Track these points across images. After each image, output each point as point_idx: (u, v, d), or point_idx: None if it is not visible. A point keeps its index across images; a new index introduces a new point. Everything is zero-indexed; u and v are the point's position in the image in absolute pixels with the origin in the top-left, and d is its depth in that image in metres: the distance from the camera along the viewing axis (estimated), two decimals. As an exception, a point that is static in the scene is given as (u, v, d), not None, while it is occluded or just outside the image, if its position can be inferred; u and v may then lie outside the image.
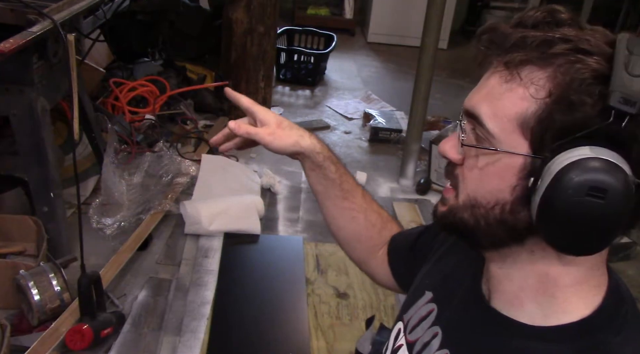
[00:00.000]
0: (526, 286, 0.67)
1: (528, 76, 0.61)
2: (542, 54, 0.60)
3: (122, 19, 3.08)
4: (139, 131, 2.83)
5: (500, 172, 0.64)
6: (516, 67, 0.62)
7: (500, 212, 0.65)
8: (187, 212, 2.33)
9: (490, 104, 0.63)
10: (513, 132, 0.62)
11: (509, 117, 0.62)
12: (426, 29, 2.68)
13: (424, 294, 0.83)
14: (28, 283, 1.75)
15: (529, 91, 0.61)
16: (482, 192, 0.66)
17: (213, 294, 2.01)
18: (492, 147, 0.63)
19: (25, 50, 1.67)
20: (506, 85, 0.62)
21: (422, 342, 0.77)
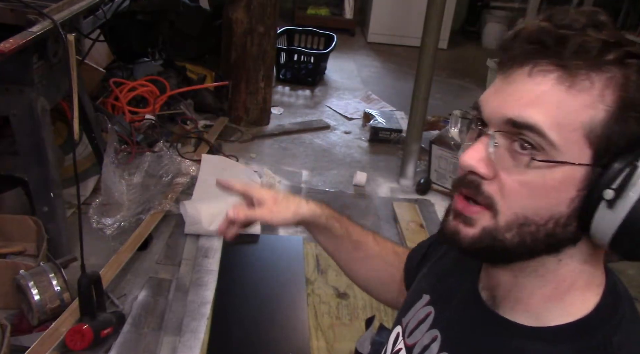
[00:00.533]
0: (540, 293, 0.66)
1: (593, 82, 0.58)
2: (602, 60, 0.58)
3: (122, 19, 3.08)
4: (139, 131, 2.83)
5: (559, 185, 0.59)
6: (579, 74, 0.58)
7: (553, 227, 0.61)
8: (187, 212, 2.33)
9: (547, 112, 0.58)
10: (577, 141, 0.58)
11: (573, 126, 0.58)
12: (426, 29, 2.68)
13: (421, 297, 0.83)
14: (28, 283, 1.75)
15: (595, 99, 0.58)
16: (534, 209, 0.60)
17: (213, 294, 2.01)
18: (559, 160, 0.58)
19: (25, 50, 1.67)
20: (567, 92, 0.58)
21: (422, 345, 0.77)
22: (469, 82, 4.56)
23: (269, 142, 3.29)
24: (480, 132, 0.64)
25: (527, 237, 0.62)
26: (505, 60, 0.62)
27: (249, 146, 3.22)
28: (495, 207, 0.62)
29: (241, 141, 3.24)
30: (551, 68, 0.58)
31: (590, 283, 0.66)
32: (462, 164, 0.63)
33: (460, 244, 0.65)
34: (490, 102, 0.63)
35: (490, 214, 0.63)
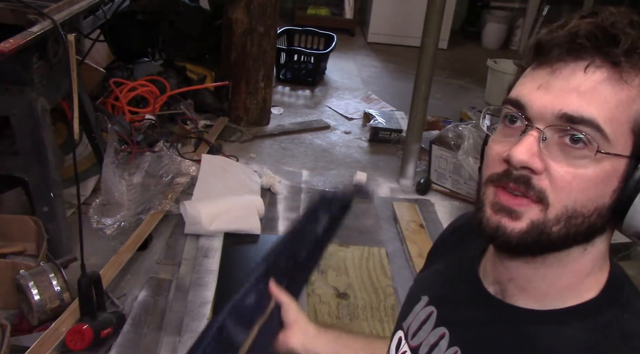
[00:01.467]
0: (560, 282, 0.67)
1: (638, 78, 0.61)
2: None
3: (122, 19, 3.08)
4: (139, 131, 2.83)
5: (606, 178, 0.62)
6: (629, 69, 0.61)
7: (596, 218, 0.63)
8: (187, 212, 2.33)
9: (601, 106, 0.60)
10: (625, 134, 0.61)
11: (623, 120, 0.61)
12: (426, 29, 2.68)
13: (419, 299, 0.83)
14: (28, 283, 1.75)
15: (638, 93, 0.61)
16: (583, 201, 0.62)
17: (213, 294, 2.01)
18: (612, 152, 0.61)
19: (25, 50, 1.67)
20: (618, 87, 0.61)
21: (428, 344, 0.76)
22: (469, 82, 4.56)
23: (269, 142, 3.29)
24: (526, 127, 0.64)
25: (572, 230, 0.63)
26: (552, 56, 0.63)
27: (249, 146, 3.22)
28: (547, 200, 0.62)
29: (241, 141, 3.24)
30: (604, 64, 0.61)
31: (602, 267, 0.69)
32: (513, 159, 0.62)
33: (507, 239, 0.64)
34: (539, 98, 0.63)
35: (540, 208, 0.63)
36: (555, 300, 0.68)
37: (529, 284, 0.69)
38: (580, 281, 0.67)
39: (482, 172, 0.68)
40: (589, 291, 0.67)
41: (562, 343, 0.65)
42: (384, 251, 2.37)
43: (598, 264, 0.68)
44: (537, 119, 0.63)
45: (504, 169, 0.64)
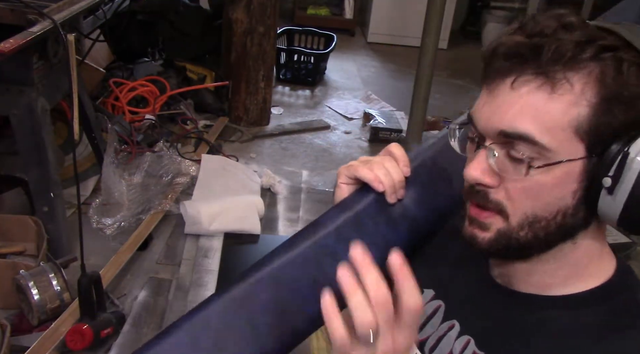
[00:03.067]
0: (559, 274, 0.69)
1: (573, 83, 0.61)
2: (579, 59, 0.61)
3: (122, 19, 3.08)
4: (139, 131, 2.83)
5: (560, 182, 0.63)
6: (558, 77, 0.61)
7: (562, 218, 0.65)
8: (187, 212, 2.33)
9: (534, 119, 0.61)
10: (569, 139, 0.62)
11: (562, 126, 0.61)
12: (426, 29, 2.68)
13: (422, 292, 0.82)
14: (28, 283, 1.75)
15: (578, 97, 0.61)
16: (541, 206, 0.64)
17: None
18: (553, 161, 0.62)
19: (25, 50, 1.67)
20: (549, 97, 0.61)
21: (436, 336, 0.77)
22: (469, 82, 4.56)
23: (269, 142, 3.29)
24: (478, 144, 0.67)
25: (540, 232, 0.65)
26: (488, 74, 0.65)
27: (249, 146, 3.22)
28: (506, 211, 0.66)
29: (241, 141, 3.24)
30: (532, 77, 0.62)
31: (602, 256, 0.70)
32: (467, 177, 0.67)
33: (480, 248, 0.69)
34: (481, 116, 0.66)
35: (502, 218, 0.66)
36: (561, 288, 0.69)
37: (530, 278, 0.71)
38: (582, 270, 0.69)
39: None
40: (594, 277, 0.69)
41: (583, 325, 0.66)
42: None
43: (597, 253, 0.69)
44: (485, 136, 0.66)
45: (469, 185, 0.68)
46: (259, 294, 0.74)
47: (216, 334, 0.72)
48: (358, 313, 0.57)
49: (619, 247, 2.41)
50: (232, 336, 0.72)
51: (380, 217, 0.78)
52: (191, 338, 0.72)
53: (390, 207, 0.79)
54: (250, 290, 0.74)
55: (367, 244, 0.70)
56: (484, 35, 5.56)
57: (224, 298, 0.75)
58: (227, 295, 0.75)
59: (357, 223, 0.77)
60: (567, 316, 0.67)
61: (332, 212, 0.79)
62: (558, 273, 0.69)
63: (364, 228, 0.77)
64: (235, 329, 0.72)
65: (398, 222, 0.79)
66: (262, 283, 0.74)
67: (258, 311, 0.73)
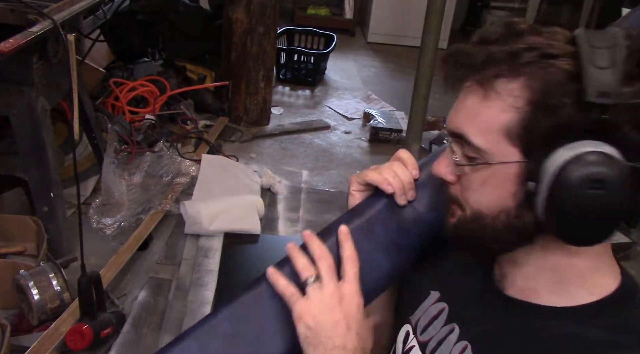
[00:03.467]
0: (541, 279, 0.70)
1: (503, 89, 0.64)
2: (512, 66, 0.63)
3: (122, 19, 3.08)
4: (139, 131, 2.83)
5: (499, 183, 0.66)
6: (490, 83, 0.65)
7: (506, 219, 0.67)
8: (187, 212, 2.33)
9: (472, 122, 0.66)
10: (501, 143, 0.65)
11: (494, 130, 0.65)
12: (426, 29, 2.68)
13: (429, 294, 0.83)
14: (28, 283, 1.75)
15: (507, 103, 0.64)
16: (485, 204, 0.68)
17: (213, 294, 2.01)
18: (486, 162, 0.66)
19: (25, 50, 1.67)
20: (484, 102, 0.65)
21: (437, 339, 0.77)
22: (469, 82, 4.55)
23: (269, 142, 3.29)
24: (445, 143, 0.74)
25: (487, 228, 0.69)
26: (445, 80, 0.71)
27: (249, 146, 3.22)
28: (461, 204, 0.72)
29: (241, 141, 3.24)
30: (470, 83, 0.67)
31: (598, 268, 0.69)
32: (433, 173, 0.74)
33: (447, 232, 0.75)
34: (449, 118, 0.72)
35: (460, 209, 0.72)
36: (554, 297, 0.69)
37: (516, 282, 0.72)
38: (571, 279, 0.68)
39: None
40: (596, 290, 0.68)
41: (578, 339, 0.65)
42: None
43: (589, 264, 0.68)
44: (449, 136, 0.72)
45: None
46: (268, 301, 0.75)
47: (225, 340, 0.73)
48: (298, 261, 0.75)
49: (619, 248, 2.40)
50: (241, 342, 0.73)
51: (390, 222, 0.80)
52: (200, 345, 0.72)
53: (401, 213, 0.81)
54: (259, 297, 0.76)
55: (377, 248, 0.76)
56: (484, 35, 5.55)
57: (233, 305, 0.76)
58: (236, 302, 0.76)
59: (367, 228, 0.80)
60: (560, 328, 0.67)
61: (343, 218, 0.81)
62: (539, 278, 0.70)
63: (375, 233, 0.80)
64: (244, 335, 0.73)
65: (409, 227, 0.81)
66: (271, 290, 0.75)
67: (266, 317, 0.74)
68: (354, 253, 0.76)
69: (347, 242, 0.77)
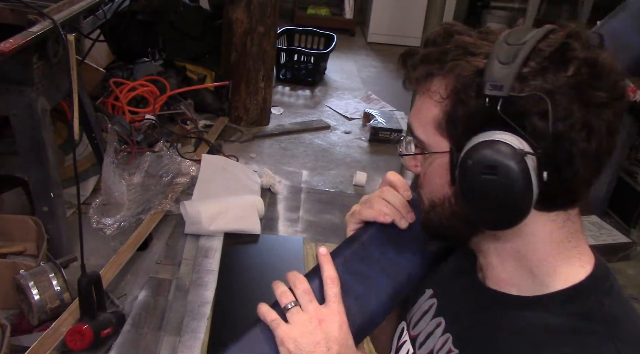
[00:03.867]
0: (510, 269, 0.71)
1: (433, 86, 0.69)
2: (440, 64, 0.68)
3: (122, 19, 3.08)
4: (139, 131, 2.83)
5: (437, 172, 0.71)
6: (424, 81, 0.70)
7: (449, 206, 0.71)
8: (187, 212, 2.33)
9: (416, 117, 0.73)
10: (434, 135, 0.70)
11: (428, 123, 0.70)
12: (426, 29, 2.68)
13: (424, 292, 0.85)
14: (28, 283, 1.75)
15: (435, 98, 0.69)
16: (433, 193, 0.73)
17: (213, 294, 2.01)
18: (425, 152, 0.72)
19: (25, 50, 1.67)
20: (421, 98, 0.72)
21: (426, 332, 0.80)
22: (469, 82, 4.56)
23: (269, 142, 3.29)
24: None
25: (442, 217, 0.72)
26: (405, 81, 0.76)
27: (249, 146, 3.22)
28: (421, 196, 0.76)
29: (241, 141, 3.24)
30: (414, 81, 0.72)
31: (571, 258, 0.69)
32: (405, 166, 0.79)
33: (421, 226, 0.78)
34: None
35: (423, 201, 0.76)
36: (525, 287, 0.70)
37: (489, 272, 0.74)
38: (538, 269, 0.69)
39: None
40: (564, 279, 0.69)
41: (544, 327, 0.67)
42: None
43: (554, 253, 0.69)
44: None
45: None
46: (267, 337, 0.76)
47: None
48: (276, 289, 0.78)
49: (619, 248, 2.40)
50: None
51: (386, 245, 0.82)
52: None
53: (396, 234, 0.83)
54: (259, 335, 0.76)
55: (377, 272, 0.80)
56: (484, 35, 5.56)
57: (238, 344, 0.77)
58: (241, 340, 0.77)
59: (363, 253, 0.82)
60: (532, 317, 0.68)
61: (340, 247, 0.84)
62: (507, 267, 0.71)
63: (371, 258, 0.82)
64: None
65: (407, 247, 0.83)
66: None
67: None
68: (333, 273, 0.77)
69: (326, 264, 0.78)
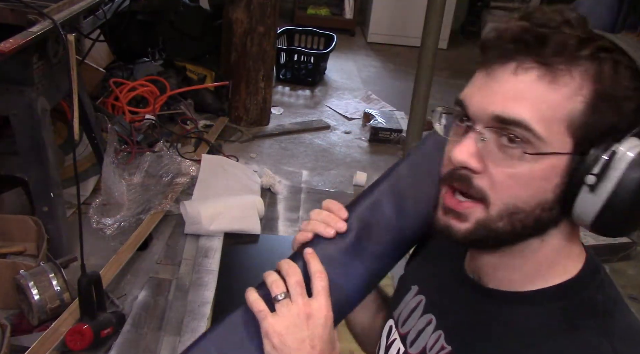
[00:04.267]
0: (524, 270, 0.70)
1: (571, 77, 0.61)
2: (578, 55, 0.61)
3: (122, 19, 3.08)
4: (139, 131, 2.83)
5: (545, 174, 0.63)
6: (558, 68, 0.61)
7: (540, 212, 0.65)
8: (187, 212, 2.33)
9: (531, 107, 0.61)
10: (560, 132, 0.62)
11: (557, 118, 0.61)
12: (426, 29, 2.68)
13: (410, 289, 0.85)
14: (28, 283, 1.75)
15: (573, 91, 0.61)
16: (523, 198, 0.64)
17: (213, 294, 2.01)
18: (540, 152, 0.62)
19: (25, 50, 1.67)
20: (549, 87, 0.61)
21: (416, 330, 0.79)
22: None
23: (269, 142, 3.29)
24: (467, 128, 0.66)
25: (517, 224, 0.65)
26: (488, 58, 0.65)
27: (249, 146, 3.22)
28: (488, 199, 0.65)
29: (241, 141, 3.24)
30: (533, 65, 0.62)
31: (570, 255, 0.70)
32: (454, 159, 0.65)
33: (456, 238, 0.68)
34: (475, 99, 0.66)
35: (482, 207, 0.65)
36: (524, 284, 0.69)
37: (496, 272, 0.71)
38: (546, 268, 0.69)
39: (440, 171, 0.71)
40: (558, 275, 0.69)
41: (538, 322, 0.67)
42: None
43: (562, 253, 0.69)
44: (476, 120, 0.65)
45: (450, 169, 0.67)
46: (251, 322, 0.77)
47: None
48: (268, 277, 0.77)
49: (619, 248, 2.40)
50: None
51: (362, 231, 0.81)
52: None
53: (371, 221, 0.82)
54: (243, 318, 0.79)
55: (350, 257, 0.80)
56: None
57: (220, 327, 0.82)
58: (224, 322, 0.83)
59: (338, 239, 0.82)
60: (525, 313, 0.68)
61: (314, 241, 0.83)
62: (523, 268, 0.69)
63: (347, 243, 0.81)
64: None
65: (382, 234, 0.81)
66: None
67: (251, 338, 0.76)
68: (321, 267, 0.75)
69: (313, 259, 0.77)
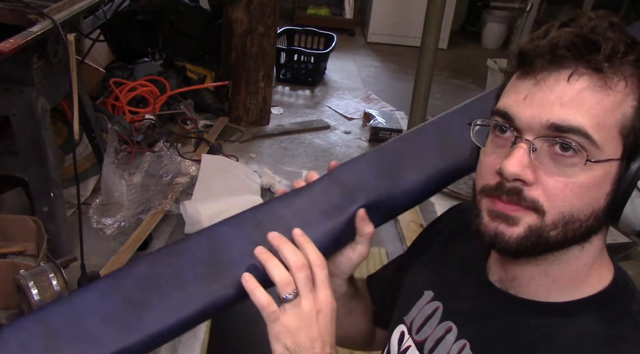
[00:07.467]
0: (562, 277, 0.69)
1: (621, 81, 0.62)
2: (625, 60, 0.62)
3: (122, 19, 3.08)
4: (139, 131, 2.83)
5: (599, 181, 0.62)
6: (609, 74, 0.61)
7: (593, 221, 0.64)
8: (187, 212, 2.33)
9: (588, 113, 0.61)
10: (614, 138, 0.62)
11: (610, 124, 0.61)
12: (426, 29, 2.68)
13: (422, 294, 0.83)
14: (28, 283, 1.75)
15: (624, 96, 0.62)
16: (579, 206, 0.63)
17: (213, 294, 2.01)
18: (603, 158, 0.61)
19: (25, 50, 1.67)
20: (602, 93, 0.61)
21: (434, 338, 0.77)
22: (469, 82, 4.55)
23: (269, 142, 3.29)
24: (515, 138, 0.64)
25: (569, 233, 0.64)
26: (535, 66, 0.63)
27: (249, 146, 3.22)
28: (542, 208, 0.63)
29: (241, 141, 3.24)
30: (586, 71, 0.61)
31: (603, 263, 0.70)
32: (506, 172, 0.63)
33: (506, 245, 0.65)
34: (526, 109, 0.64)
35: (537, 215, 0.64)
36: (560, 294, 0.69)
37: (532, 281, 0.70)
38: (583, 276, 0.68)
39: (476, 181, 0.70)
40: (593, 285, 0.68)
41: (578, 333, 0.66)
42: (384, 250, 2.37)
43: (598, 260, 0.69)
44: (526, 130, 0.64)
45: (497, 181, 0.65)
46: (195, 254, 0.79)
47: (142, 282, 0.75)
48: (276, 273, 0.70)
49: (619, 248, 2.40)
50: (160, 285, 0.75)
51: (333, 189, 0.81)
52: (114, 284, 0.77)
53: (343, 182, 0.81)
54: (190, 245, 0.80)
55: (318, 212, 0.77)
56: (484, 35, 5.56)
57: (155, 254, 0.79)
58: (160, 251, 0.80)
59: (309, 193, 0.81)
60: (563, 324, 0.67)
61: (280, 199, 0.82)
62: (560, 277, 0.68)
63: (315, 199, 0.80)
64: (164, 277, 0.75)
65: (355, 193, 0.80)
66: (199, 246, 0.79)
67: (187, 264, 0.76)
68: (319, 255, 0.72)
69: (307, 243, 0.72)
